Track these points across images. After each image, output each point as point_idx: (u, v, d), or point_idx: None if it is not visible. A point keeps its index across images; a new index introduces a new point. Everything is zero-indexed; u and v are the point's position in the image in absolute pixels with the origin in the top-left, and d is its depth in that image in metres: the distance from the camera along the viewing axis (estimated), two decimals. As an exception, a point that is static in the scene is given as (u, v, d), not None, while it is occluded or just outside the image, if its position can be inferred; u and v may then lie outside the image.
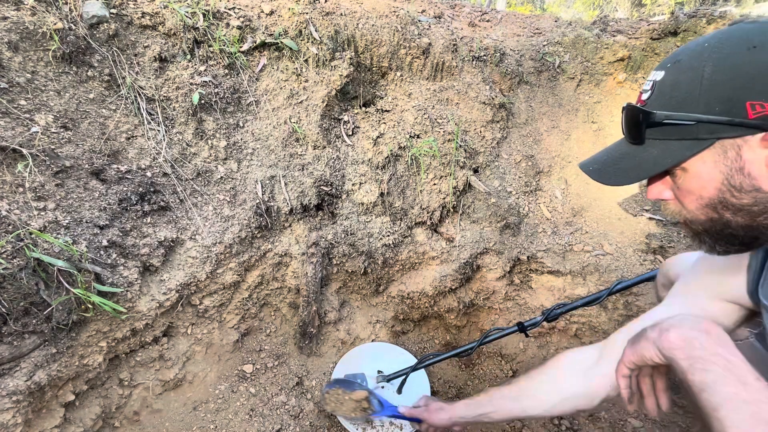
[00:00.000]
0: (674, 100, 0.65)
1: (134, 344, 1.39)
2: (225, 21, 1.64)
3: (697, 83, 0.63)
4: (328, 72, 1.76)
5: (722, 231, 0.68)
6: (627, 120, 0.73)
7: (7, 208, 1.09)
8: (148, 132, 1.46)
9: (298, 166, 1.71)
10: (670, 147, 0.67)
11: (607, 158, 0.77)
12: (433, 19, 2.32)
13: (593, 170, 0.78)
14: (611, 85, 2.38)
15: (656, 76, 0.70)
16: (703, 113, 0.62)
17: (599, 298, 1.33)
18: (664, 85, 0.67)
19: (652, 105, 0.69)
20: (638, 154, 0.71)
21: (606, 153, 0.79)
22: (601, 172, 0.76)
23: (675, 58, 0.68)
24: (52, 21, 1.30)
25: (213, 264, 1.49)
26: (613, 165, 0.75)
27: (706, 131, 0.63)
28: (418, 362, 1.55)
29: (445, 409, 1.23)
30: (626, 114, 0.73)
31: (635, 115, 0.70)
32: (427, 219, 1.89)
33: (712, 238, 0.71)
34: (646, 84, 0.72)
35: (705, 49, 0.64)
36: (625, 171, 0.72)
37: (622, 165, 0.73)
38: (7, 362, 1.06)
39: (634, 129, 0.71)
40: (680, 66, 0.66)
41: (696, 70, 0.63)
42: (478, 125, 2.06)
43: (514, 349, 2.04)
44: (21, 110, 1.21)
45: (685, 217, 0.72)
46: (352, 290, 1.89)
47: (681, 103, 0.64)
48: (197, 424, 1.48)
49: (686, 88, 0.64)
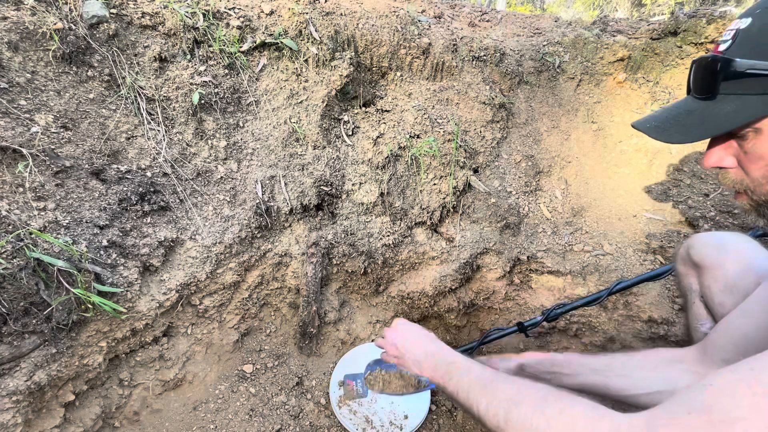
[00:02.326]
0: (761, 48, 0.57)
1: (134, 344, 1.39)
2: (225, 21, 1.64)
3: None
4: (328, 72, 1.76)
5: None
6: (700, 71, 0.64)
7: (7, 208, 1.09)
8: (148, 132, 1.46)
9: (298, 166, 1.71)
10: (748, 102, 0.59)
11: (668, 115, 0.69)
12: (433, 19, 2.32)
13: (651, 128, 0.69)
14: (611, 85, 2.38)
15: (740, 23, 0.62)
16: None
17: (599, 298, 1.33)
18: (751, 33, 0.59)
19: (734, 54, 0.60)
20: (708, 109, 0.63)
21: (667, 110, 0.70)
22: (660, 129, 0.67)
23: (766, 3, 0.60)
24: (52, 21, 1.30)
25: (213, 264, 1.49)
26: (675, 122, 0.66)
27: None
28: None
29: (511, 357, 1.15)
30: (699, 65, 0.65)
31: (712, 65, 0.61)
32: (427, 219, 1.89)
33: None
34: (726, 33, 0.63)
35: None
36: (690, 127, 0.63)
37: (687, 121, 0.64)
38: (7, 362, 1.06)
39: (709, 80, 0.62)
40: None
41: None
42: (478, 125, 2.06)
43: (514, 349, 2.04)
44: (21, 110, 1.21)
45: (747, 186, 0.64)
46: (352, 290, 1.89)
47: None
48: (197, 424, 1.48)
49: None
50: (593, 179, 2.24)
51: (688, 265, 1.14)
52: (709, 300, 1.03)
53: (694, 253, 1.10)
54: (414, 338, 1.02)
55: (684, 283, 1.16)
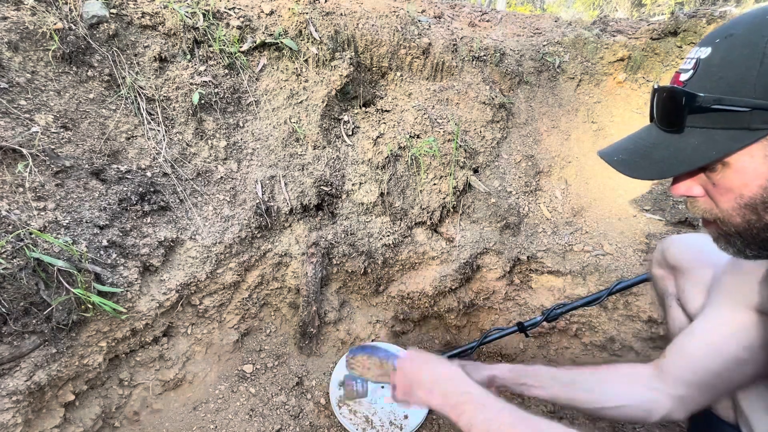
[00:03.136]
0: (724, 81, 0.55)
1: (134, 344, 1.39)
2: (225, 21, 1.64)
3: (755, 62, 0.53)
4: (328, 72, 1.76)
5: (759, 234, 0.60)
6: (664, 103, 0.62)
7: (7, 208, 1.09)
8: (148, 132, 1.46)
9: (298, 166, 1.71)
10: (713, 137, 0.57)
11: (635, 147, 0.66)
12: (433, 19, 2.32)
13: (619, 161, 0.66)
14: (611, 85, 2.38)
15: (700, 53, 0.59)
16: (760, 98, 0.52)
17: (599, 298, 1.33)
18: (711, 64, 0.57)
19: (695, 86, 0.58)
20: (674, 143, 0.61)
21: (633, 141, 0.68)
22: (629, 163, 0.65)
23: (726, 32, 0.58)
24: (52, 21, 1.30)
25: (213, 264, 1.49)
26: (643, 155, 0.64)
27: (760, 120, 0.53)
28: (418, 362, 1.55)
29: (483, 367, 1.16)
30: (663, 97, 0.62)
31: (676, 98, 0.59)
32: (427, 219, 1.89)
33: (745, 241, 0.62)
34: (686, 62, 0.62)
35: (766, 22, 0.54)
36: (658, 163, 0.61)
37: (655, 155, 0.62)
38: (7, 362, 1.06)
39: (673, 114, 0.60)
40: (733, 41, 0.56)
41: (754, 47, 0.53)
42: (478, 125, 2.06)
43: (514, 349, 2.04)
44: (21, 110, 1.21)
45: (717, 216, 0.63)
46: (352, 290, 1.89)
47: (733, 86, 0.54)
48: (197, 424, 1.48)
49: (741, 68, 0.54)
50: (593, 179, 2.24)
51: (664, 268, 1.12)
52: (686, 303, 1.02)
53: (670, 256, 1.09)
54: (422, 361, 0.97)
55: (660, 286, 1.15)
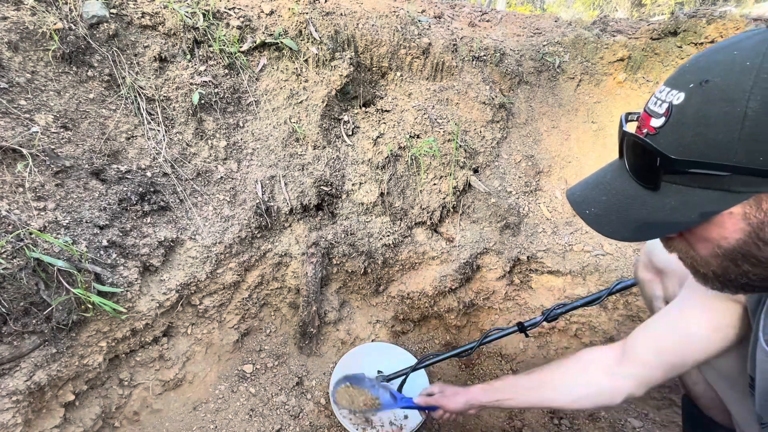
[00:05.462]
0: (702, 140, 0.49)
1: (134, 344, 1.39)
2: (225, 21, 1.64)
3: (736, 123, 0.46)
4: (328, 72, 1.76)
5: (737, 280, 0.56)
6: (636, 156, 0.57)
7: (7, 208, 1.09)
8: (148, 132, 1.46)
9: (298, 166, 1.71)
10: (693, 198, 0.52)
11: (608, 200, 0.61)
12: (433, 19, 2.32)
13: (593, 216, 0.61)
14: (611, 85, 2.38)
15: (673, 97, 0.52)
16: (741, 163, 0.47)
17: (599, 298, 1.33)
18: (686, 115, 0.50)
19: (669, 139, 0.52)
20: (651, 201, 0.56)
21: (605, 189, 0.62)
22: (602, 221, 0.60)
23: (701, 76, 0.50)
24: (52, 21, 1.30)
25: (213, 264, 1.49)
26: (618, 213, 0.59)
27: (741, 183, 0.48)
28: (418, 362, 1.55)
29: (460, 393, 1.23)
30: (637, 150, 0.57)
31: (649, 158, 0.54)
32: (427, 219, 1.89)
33: (723, 283, 0.58)
34: (657, 103, 0.55)
35: (747, 71, 0.46)
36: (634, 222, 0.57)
37: (631, 215, 0.57)
38: (7, 362, 1.06)
39: (648, 172, 0.55)
40: (709, 91, 0.49)
41: (734, 104, 0.46)
42: (478, 125, 2.06)
43: (514, 349, 2.04)
44: (21, 110, 1.21)
45: (694, 259, 0.59)
46: (352, 290, 1.89)
47: (711, 147, 0.48)
48: (197, 424, 1.48)
49: (720, 128, 0.47)
50: (593, 179, 2.23)
51: (650, 271, 1.13)
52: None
53: (657, 259, 1.10)
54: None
55: (647, 290, 1.15)
